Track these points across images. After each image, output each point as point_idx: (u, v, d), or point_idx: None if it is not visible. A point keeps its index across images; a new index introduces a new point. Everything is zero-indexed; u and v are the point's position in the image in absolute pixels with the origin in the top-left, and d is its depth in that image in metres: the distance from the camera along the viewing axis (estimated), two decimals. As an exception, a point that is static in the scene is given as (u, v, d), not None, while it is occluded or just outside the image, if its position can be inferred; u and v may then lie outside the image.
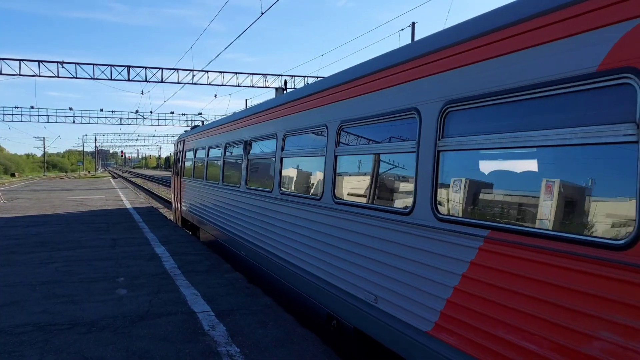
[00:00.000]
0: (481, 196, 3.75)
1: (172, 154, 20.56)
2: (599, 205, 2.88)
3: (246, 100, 43.78)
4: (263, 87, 38.48)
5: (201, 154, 13.57)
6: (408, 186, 4.51)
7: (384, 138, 4.95)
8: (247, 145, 9.14)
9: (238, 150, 9.78)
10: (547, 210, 3.14)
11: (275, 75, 38.53)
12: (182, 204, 15.92)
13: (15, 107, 57.54)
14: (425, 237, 4.06)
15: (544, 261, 3.01)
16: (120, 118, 65.29)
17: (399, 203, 4.67)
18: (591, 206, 2.91)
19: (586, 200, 2.96)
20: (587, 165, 2.96)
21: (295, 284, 6.69)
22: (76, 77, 33.66)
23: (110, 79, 34.74)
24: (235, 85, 37.74)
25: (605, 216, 2.83)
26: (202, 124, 19.12)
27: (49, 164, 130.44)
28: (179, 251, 10.76)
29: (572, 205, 3.06)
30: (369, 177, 5.26)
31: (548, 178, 3.15)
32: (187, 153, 15.83)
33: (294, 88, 35.32)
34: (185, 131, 18.31)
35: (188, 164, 15.55)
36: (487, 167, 3.72)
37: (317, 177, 6.40)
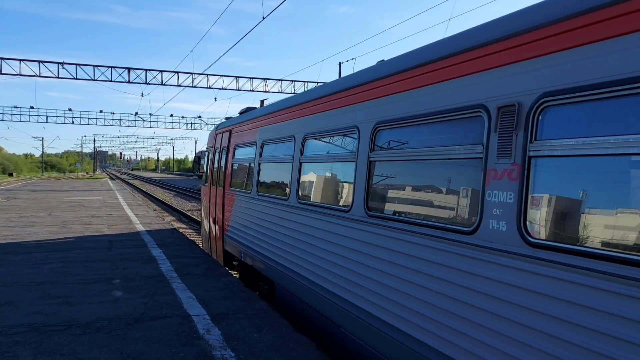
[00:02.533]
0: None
1: (205, 153, 13.85)
2: None
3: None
4: (263, 92, 38.61)
5: (277, 150, 8.16)
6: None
7: None
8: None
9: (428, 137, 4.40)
10: None
11: (276, 79, 38.67)
12: (229, 231, 10.26)
13: (15, 107, 57.88)
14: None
15: None
16: (120, 120, 65.63)
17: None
18: None
19: None
20: None
21: None
22: (76, 78, 33.89)
23: (111, 81, 34.92)
24: (236, 89, 37.91)
25: None
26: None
27: (47, 164, 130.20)
28: (176, 254, 10.73)
29: None
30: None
31: None
32: (239, 151, 10.28)
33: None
34: (227, 118, 12.41)
35: (242, 167, 10.03)
36: None
37: None
